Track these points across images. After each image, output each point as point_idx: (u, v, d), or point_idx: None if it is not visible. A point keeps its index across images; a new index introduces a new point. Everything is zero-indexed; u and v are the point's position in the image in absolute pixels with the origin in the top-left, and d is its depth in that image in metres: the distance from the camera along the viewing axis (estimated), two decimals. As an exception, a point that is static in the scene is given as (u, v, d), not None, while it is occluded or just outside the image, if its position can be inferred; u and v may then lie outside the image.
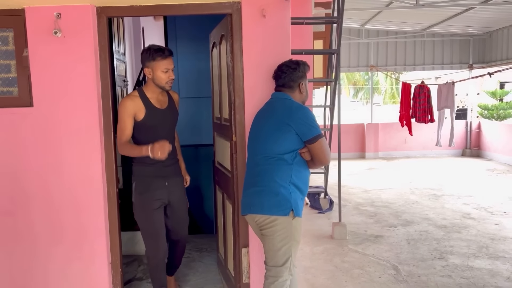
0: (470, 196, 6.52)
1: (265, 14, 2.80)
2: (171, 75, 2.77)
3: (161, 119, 2.84)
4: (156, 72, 2.72)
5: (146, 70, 2.73)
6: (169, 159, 2.82)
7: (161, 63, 2.70)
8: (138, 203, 2.92)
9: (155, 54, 2.69)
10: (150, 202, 2.89)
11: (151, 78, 2.75)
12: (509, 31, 9.51)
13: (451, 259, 4.06)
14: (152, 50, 2.70)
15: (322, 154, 2.41)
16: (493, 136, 10.13)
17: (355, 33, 10.75)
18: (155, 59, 2.69)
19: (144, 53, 2.72)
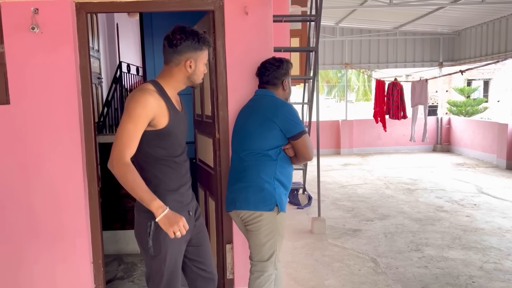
0: (442, 190, 6.74)
1: (248, 11, 2.82)
2: (205, 70, 2.11)
3: (183, 128, 2.10)
4: (199, 65, 2.02)
5: (187, 63, 1.97)
6: (189, 177, 2.16)
7: (205, 54, 2.05)
8: (162, 252, 1.98)
9: (204, 42, 2.01)
10: (179, 249, 2.08)
11: (190, 72, 2.00)
12: (477, 30, 9.85)
13: (426, 250, 4.20)
14: (201, 37, 1.99)
15: (305, 150, 2.46)
16: (462, 132, 10.49)
17: (329, 31, 10.89)
18: (201, 48, 2.01)
19: (190, 39, 1.95)
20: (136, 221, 2.04)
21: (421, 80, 7.70)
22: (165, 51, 1.99)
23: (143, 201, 1.81)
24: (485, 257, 3.99)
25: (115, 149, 1.82)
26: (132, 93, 1.93)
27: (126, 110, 1.88)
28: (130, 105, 1.87)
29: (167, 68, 2.01)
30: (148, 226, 1.93)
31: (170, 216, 1.83)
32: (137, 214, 2.03)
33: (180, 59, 1.97)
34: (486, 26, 9.45)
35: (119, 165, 1.79)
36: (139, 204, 1.93)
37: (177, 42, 1.94)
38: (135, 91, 1.94)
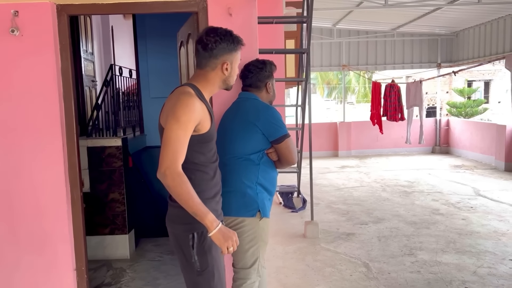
0: (439, 193, 6.67)
1: (232, 12, 2.77)
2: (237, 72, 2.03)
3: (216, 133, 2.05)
4: (234, 67, 1.95)
5: (224, 66, 1.89)
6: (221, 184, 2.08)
7: (239, 54, 1.97)
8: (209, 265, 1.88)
9: (239, 42, 1.93)
10: (223, 263, 2.01)
11: (227, 75, 1.92)
12: (475, 31, 9.78)
13: (420, 255, 4.13)
14: (235, 37, 1.92)
15: (289, 154, 2.40)
16: (461, 133, 10.42)
17: (327, 32, 10.84)
18: (236, 48, 1.92)
19: (226, 41, 1.87)
20: (173, 236, 1.91)
21: (416, 81, 7.63)
22: (199, 55, 1.90)
23: (196, 214, 1.70)
24: (479, 262, 3.92)
25: (166, 158, 1.69)
26: (176, 97, 1.81)
27: (174, 115, 1.74)
28: (178, 109, 1.75)
29: (202, 73, 1.91)
30: (190, 238, 1.82)
31: (224, 231, 1.75)
32: (171, 227, 1.91)
33: (216, 63, 1.88)
34: (484, 27, 9.38)
35: (173, 175, 1.68)
36: (174, 217, 1.86)
37: (213, 45, 1.85)
38: (178, 94, 1.82)
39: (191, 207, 1.69)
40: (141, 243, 4.68)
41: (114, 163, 4.20)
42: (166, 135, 1.73)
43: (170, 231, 1.93)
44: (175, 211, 1.84)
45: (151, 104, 6.66)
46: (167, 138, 1.72)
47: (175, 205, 1.80)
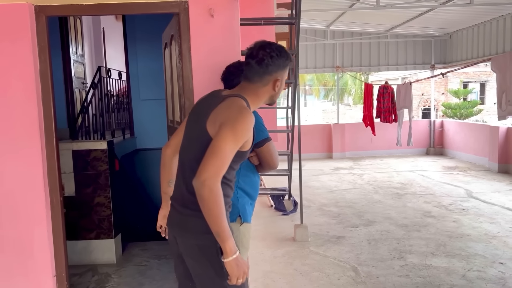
0: (432, 195, 6.63)
1: (213, 13, 2.73)
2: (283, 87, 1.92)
3: None
4: (283, 83, 1.86)
5: (277, 83, 1.81)
6: None
7: (286, 72, 1.88)
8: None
9: (290, 59, 1.85)
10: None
11: (276, 91, 1.84)
12: (468, 32, 9.77)
13: (409, 258, 4.08)
14: (288, 53, 1.85)
15: (270, 158, 2.35)
16: (455, 135, 10.40)
17: (320, 34, 10.81)
18: (287, 65, 1.84)
19: (281, 57, 1.79)
20: (197, 248, 1.77)
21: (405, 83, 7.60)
22: (252, 70, 1.79)
23: (220, 234, 1.61)
24: (469, 265, 3.88)
25: (211, 167, 1.58)
26: (237, 109, 1.69)
27: (233, 128, 1.64)
28: (238, 123, 1.65)
29: (252, 87, 1.81)
30: (218, 247, 1.69)
31: (240, 260, 1.66)
32: (194, 239, 1.77)
33: (269, 79, 1.79)
34: (477, 28, 9.37)
35: (212, 187, 1.57)
36: (198, 226, 1.72)
37: (269, 61, 1.77)
38: (239, 107, 1.70)
39: (218, 225, 1.60)
40: (129, 247, 4.62)
41: (100, 167, 4.14)
42: (218, 144, 1.62)
43: (191, 243, 1.79)
44: (199, 221, 1.70)
45: (141, 106, 6.61)
46: (217, 147, 1.62)
47: (197, 214, 1.68)
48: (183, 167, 1.85)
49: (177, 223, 1.84)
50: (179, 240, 1.84)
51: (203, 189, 1.58)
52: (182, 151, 1.90)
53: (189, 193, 1.75)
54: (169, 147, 2.07)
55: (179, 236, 1.84)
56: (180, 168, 1.88)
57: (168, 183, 2.07)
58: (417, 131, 10.89)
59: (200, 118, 1.78)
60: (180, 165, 1.88)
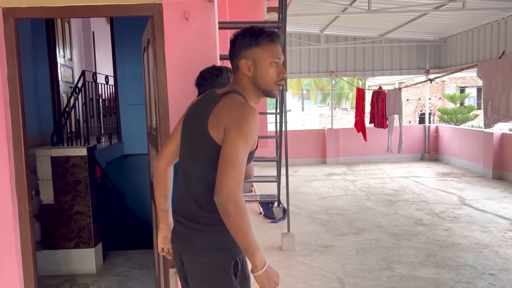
0: (424, 202, 6.52)
1: (188, 16, 2.62)
2: (284, 72, 1.67)
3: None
4: (260, 66, 1.62)
5: (242, 64, 1.64)
6: None
7: (268, 50, 1.62)
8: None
9: (258, 35, 1.63)
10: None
11: (250, 76, 1.64)
12: (462, 37, 9.70)
13: (397, 269, 3.96)
14: (255, 30, 1.64)
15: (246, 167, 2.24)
16: (450, 140, 10.30)
17: (314, 38, 10.73)
18: (258, 43, 1.62)
19: (242, 35, 1.64)
20: (207, 266, 1.61)
21: (395, 89, 7.50)
22: (230, 56, 1.70)
23: (249, 249, 1.47)
24: (458, 276, 3.76)
25: (231, 179, 1.44)
26: (239, 108, 1.55)
27: (240, 129, 1.49)
28: (245, 124, 1.50)
29: (235, 78, 1.70)
30: (232, 266, 1.59)
31: (270, 272, 1.52)
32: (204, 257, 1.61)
33: (237, 64, 1.64)
34: (472, 33, 9.30)
35: (237, 201, 1.44)
36: (210, 243, 1.59)
37: (233, 44, 1.65)
38: (240, 104, 1.57)
39: (246, 240, 1.46)
40: (111, 256, 4.49)
41: (79, 174, 4.02)
42: (231, 153, 1.47)
43: (198, 261, 1.63)
44: (210, 237, 1.58)
45: (129, 111, 6.49)
46: (231, 156, 1.47)
47: (210, 229, 1.57)
48: (187, 178, 1.68)
49: (184, 239, 1.67)
50: (185, 258, 1.68)
51: (228, 204, 1.44)
52: (183, 161, 1.72)
53: (197, 206, 1.60)
54: (162, 158, 1.85)
55: (186, 252, 1.67)
56: (183, 180, 1.70)
57: (165, 198, 1.87)
58: (411, 137, 10.81)
59: (200, 123, 1.62)
60: (183, 176, 1.70)
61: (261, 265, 1.49)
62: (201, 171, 1.58)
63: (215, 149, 1.54)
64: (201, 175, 1.57)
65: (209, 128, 1.57)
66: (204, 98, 1.75)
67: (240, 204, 1.44)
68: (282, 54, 1.66)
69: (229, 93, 1.64)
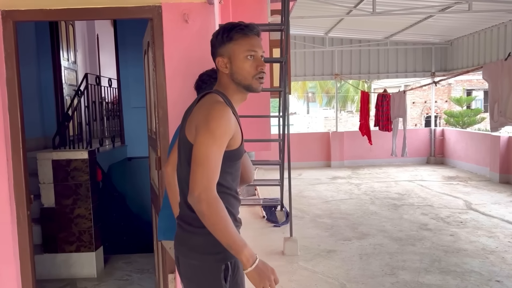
0: (429, 206, 6.44)
1: (188, 19, 2.59)
2: (262, 65, 1.60)
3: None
4: (235, 61, 1.59)
5: (220, 61, 1.62)
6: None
7: (241, 44, 1.58)
8: None
9: (230, 30, 1.59)
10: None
11: (228, 73, 1.61)
12: (469, 40, 9.61)
13: (401, 275, 3.90)
14: (227, 26, 1.61)
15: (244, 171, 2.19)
16: (456, 144, 10.19)
17: (319, 41, 10.68)
18: (231, 38, 1.58)
19: (216, 35, 1.64)
20: (197, 269, 1.58)
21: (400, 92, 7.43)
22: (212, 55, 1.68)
23: (231, 247, 1.44)
24: (464, 283, 3.69)
25: (200, 179, 1.44)
26: (207, 107, 1.54)
27: (208, 128, 1.48)
28: (211, 121, 1.48)
29: (218, 76, 1.68)
30: (222, 270, 1.55)
31: (261, 268, 1.45)
32: (194, 259, 1.59)
33: (216, 62, 1.64)
34: (478, 35, 9.21)
35: (209, 200, 1.42)
36: (199, 246, 1.57)
37: (211, 42, 1.64)
38: (210, 103, 1.55)
39: (227, 238, 1.43)
40: (112, 260, 4.47)
41: (80, 177, 4.00)
42: (199, 152, 1.47)
43: (190, 264, 1.60)
44: (200, 239, 1.55)
45: (132, 113, 6.48)
46: (200, 155, 1.47)
47: (200, 231, 1.52)
48: (179, 181, 1.69)
49: (179, 241, 1.67)
50: (182, 260, 1.65)
51: (200, 205, 1.43)
52: (177, 166, 1.73)
53: (189, 209, 1.58)
54: (169, 164, 1.91)
55: (181, 254, 1.65)
56: (179, 184, 1.71)
57: (177, 203, 1.82)
58: (417, 140, 10.71)
59: (183, 127, 1.64)
60: (178, 180, 1.71)
61: (249, 262, 1.44)
62: (187, 174, 1.55)
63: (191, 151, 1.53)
64: (187, 178, 1.54)
65: (186, 131, 1.59)
66: (193, 102, 1.72)
67: (212, 202, 1.42)
68: (260, 47, 1.61)
69: (206, 94, 1.63)
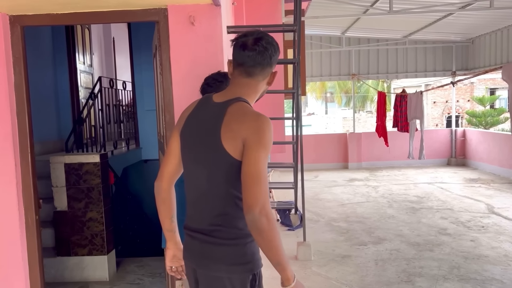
0: (449, 209, 6.25)
1: (194, 21, 2.55)
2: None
3: None
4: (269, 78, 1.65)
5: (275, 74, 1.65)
6: None
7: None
8: None
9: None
10: None
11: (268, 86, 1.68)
12: (491, 37, 9.32)
13: (418, 282, 3.77)
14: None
15: None
16: (478, 145, 9.90)
17: (336, 41, 10.54)
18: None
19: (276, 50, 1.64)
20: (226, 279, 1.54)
21: (416, 92, 7.23)
22: (253, 63, 1.56)
23: (281, 263, 1.45)
24: (484, 292, 3.54)
25: (260, 195, 1.40)
26: (255, 118, 1.50)
27: (261, 143, 1.45)
28: (263, 136, 1.46)
29: (251, 83, 1.60)
30: (250, 280, 1.55)
31: (298, 286, 1.52)
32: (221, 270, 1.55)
33: (269, 72, 1.60)
34: (501, 33, 8.92)
35: (269, 216, 1.40)
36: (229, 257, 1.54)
37: (272, 52, 1.57)
38: (254, 115, 1.51)
39: (279, 254, 1.44)
40: (125, 263, 4.47)
41: (92, 180, 4.01)
42: (256, 168, 1.42)
43: (214, 276, 1.56)
44: (228, 250, 1.54)
45: (146, 116, 6.49)
46: (257, 171, 1.42)
47: (228, 243, 1.53)
48: (200, 194, 1.60)
49: (199, 254, 1.61)
50: (201, 272, 1.61)
51: (261, 221, 1.39)
52: (193, 177, 1.63)
53: (213, 221, 1.55)
54: (163, 180, 1.75)
55: (202, 267, 1.60)
56: (195, 196, 1.63)
57: (171, 219, 1.80)
58: (437, 141, 10.46)
59: (210, 138, 1.53)
60: (194, 192, 1.63)
61: (291, 279, 1.48)
62: (217, 187, 1.52)
63: (231, 164, 1.48)
64: (218, 191, 1.52)
65: (223, 143, 1.49)
66: (202, 108, 1.63)
67: (271, 218, 1.41)
68: None
69: (234, 101, 1.54)
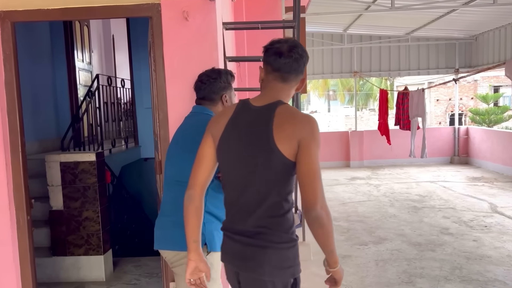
0: (452, 209, 6.16)
1: (188, 16, 2.48)
2: None
3: None
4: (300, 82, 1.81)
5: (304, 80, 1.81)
6: None
7: None
8: None
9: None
10: None
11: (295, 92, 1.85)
12: (495, 34, 9.21)
13: (419, 283, 3.70)
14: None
15: None
16: (481, 143, 9.80)
17: (337, 38, 10.45)
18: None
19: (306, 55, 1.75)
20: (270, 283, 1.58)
21: (418, 90, 7.13)
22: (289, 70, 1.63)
23: (333, 251, 1.59)
24: (486, 293, 3.47)
25: (320, 192, 1.51)
26: (307, 119, 1.58)
27: (316, 143, 1.54)
28: (317, 135, 1.56)
29: (286, 88, 1.66)
30: (291, 284, 1.62)
31: (341, 266, 1.69)
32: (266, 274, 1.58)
33: (300, 78, 1.68)
34: (505, 30, 8.81)
35: (327, 212, 1.51)
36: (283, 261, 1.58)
37: (305, 59, 1.66)
38: (305, 116, 1.61)
39: (333, 244, 1.58)
40: (122, 263, 4.42)
41: (88, 179, 3.95)
42: (315, 166, 1.53)
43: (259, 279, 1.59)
44: (273, 255, 1.57)
45: (145, 114, 6.43)
46: (316, 169, 1.53)
47: (276, 246, 1.57)
48: (247, 196, 1.61)
49: (242, 257, 1.62)
50: (243, 276, 1.63)
51: (322, 216, 1.49)
52: (236, 180, 1.65)
53: (259, 223, 1.59)
54: (197, 188, 1.76)
55: (245, 270, 1.62)
56: (239, 198, 1.64)
57: (199, 229, 1.80)
58: (440, 139, 10.36)
59: (262, 141, 1.56)
60: (240, 194, 1.64)
61: (338, 262, 1.64)
62: (266, 189, 1.57)
63: (283, 164, 1.54)
64: (265, 193, 1.57)
65: (277, 143, 1.54)
66: (243, 112, 1.66)
67: (329, 212, 1.52)
68: None
69: (279, 104, 1.60)
